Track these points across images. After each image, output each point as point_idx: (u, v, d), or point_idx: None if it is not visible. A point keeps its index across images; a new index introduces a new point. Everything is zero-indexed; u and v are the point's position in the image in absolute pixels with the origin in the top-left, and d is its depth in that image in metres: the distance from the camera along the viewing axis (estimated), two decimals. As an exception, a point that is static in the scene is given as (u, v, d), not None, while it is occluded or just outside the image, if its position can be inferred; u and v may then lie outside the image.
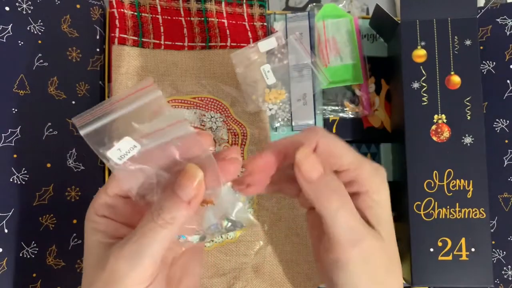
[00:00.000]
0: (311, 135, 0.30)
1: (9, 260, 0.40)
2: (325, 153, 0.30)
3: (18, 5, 0.44)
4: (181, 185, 0.25)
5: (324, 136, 0.30)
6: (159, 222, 0.25)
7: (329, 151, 0.30)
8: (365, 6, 0.58)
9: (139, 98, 0.25)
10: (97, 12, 0.48)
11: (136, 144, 0.25)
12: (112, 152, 0.25)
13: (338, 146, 0.30)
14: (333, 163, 0.30)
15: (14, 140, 0.42)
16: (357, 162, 0.30)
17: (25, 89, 0.43)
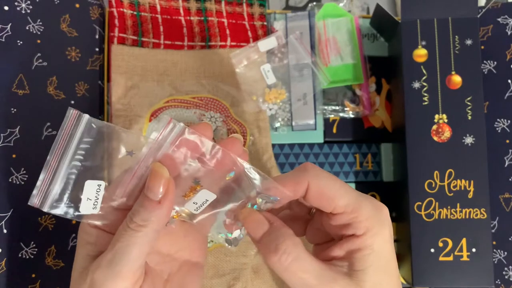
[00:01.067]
0: (300, 175, 0.28)
1: (8, 261, 0.40)
2: (316, 195, 0.28)
3: (17, 5, 0.44)
4: (148, 186, 0.25)
5: (316, 176, 0.28)
6: (131, 226, 0.25)
7: (321, 192, 0.28)
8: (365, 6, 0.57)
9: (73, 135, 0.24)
10: (96, 11, 0.48)
11: (100, 182, 0.24)
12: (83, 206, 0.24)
13: (332, 187, 0.28)
14: (326, 205, 0.28)
15: (13, 140, 0.42)
16: (354, 205, 0.28)
17: (24, 89, 0.43)
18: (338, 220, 0.28)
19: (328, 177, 0.28)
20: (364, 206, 0.28)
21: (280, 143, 0.50)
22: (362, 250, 0.27)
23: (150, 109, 0.47)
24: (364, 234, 0.27)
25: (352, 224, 0.28)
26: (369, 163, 0.51)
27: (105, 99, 0.47)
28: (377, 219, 0.28)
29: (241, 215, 0.28)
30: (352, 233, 0.28)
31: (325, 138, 0.50)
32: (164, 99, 0.47)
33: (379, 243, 0.27)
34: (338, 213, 0.28)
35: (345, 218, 0.28)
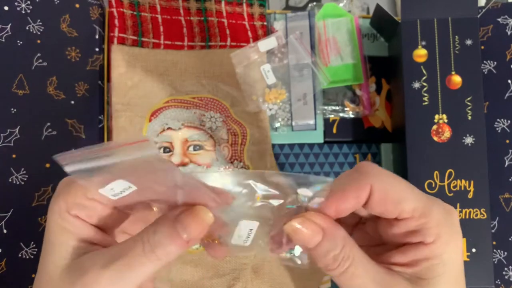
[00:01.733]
0: (361, 180, 0.25)
1: (8, 261, 0.40)
2: (380, 200, 0.25)
3: (17, 5, 0.44)
4: (186, 226, 0.23)
5: (379, 177, 0.25)
6: (151, 258, 0.23)
7: (386, 196, 0.25)
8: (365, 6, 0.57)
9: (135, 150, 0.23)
10: (96, 11, 0.48)
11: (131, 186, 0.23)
12: (105, 190, 0.23)
13: (397, 189, 0.25)
14: (390, 211, 0.25)
15: (13, 140, 0.42)
16: (422, 208, 0.25)
17: (24, 89, 0.43)
18: (403, 227, 0.26)
19: (392, 177, 0.25)
20: (435, 210, 0.25)
21: (280, 143, 0.50)
22: (430, 259, 0.25)
23: (150, 109, 0.47)
24: (434, 242, 0.25)
25: (421, 230, 0.25)
26: (369, 163, 0.51)
27: (105, 99, 0.47)
28: (448, 225, 0.25)
29: (289, 227, 0.25)
30: (420, 240, 0.25)
31: (325, 138, 0.50)
32: (164, 99, 0.47)
33: (450, 253, 0.25)
34: (404, 218, 0.25)
35: (412, 224, 0.25)
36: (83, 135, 0.45)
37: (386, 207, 0.25)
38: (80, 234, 0.25)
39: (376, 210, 0.25)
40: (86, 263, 0.24)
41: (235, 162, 0.47)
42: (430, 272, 0.25)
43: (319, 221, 0.25)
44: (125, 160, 0.21)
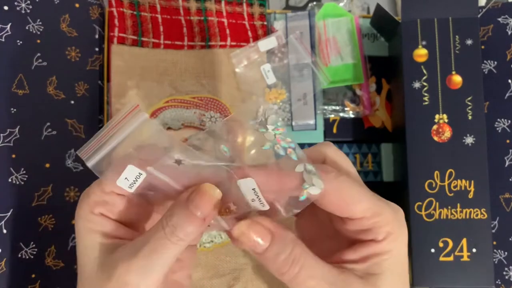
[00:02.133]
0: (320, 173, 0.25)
1: (8, 261, 0.40)
2: (334, 201, 0.26)
3: (17, 4, 0.44)
4: (197, 205, 0.24)
5: (335, 180, 0.25)
6: (173, 239, 0.24)
7: (340, 197, 0.25)
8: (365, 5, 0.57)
9: (129, 122, 0.24)
10: (96, 11, 0.48)
11: (141, 172, 0.25)
12: (120, 181, 0.25)
13: (351, 192, 0.26)
14: (342, 211, 0.26)
15: (13, 140, 0.42)
16: (374, 209, 0.26)
17: (24, 89, 0.43)
18: (355, 225, 0.26)
19: (347, 182, 0.26)
20: (385, 210, 0.26)
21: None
22: (380, 255, 0.26)
23: (150, 109, 0.47)
24: (385, 239, 0.26)
25: (372, 229, 0.26)
26: (369, 163, 0.51)
27: (105, 99, 0.47)
28: (397, 223, 0.26)
29: (236, 230, 0.25)
30: (372, 238, 0.26)
31: (325, 138, 0.50)
32: (164, 99, 0.47)
33: (398, 248, 0.26)
34: (357, 218, 0.26)
35: (364, 223, 0.26)
36: (83, 135, 0.45)
37: (338, 208, 0.26)
38: (106, 231, 0.26)
39: (329, 209, 0.26)
40: (116, 257, 0.25)
41: None
42: (380, 267, 0.26)
43: (268, 224, 0.25)
44: (127, 139, 0.24)
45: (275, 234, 0.25)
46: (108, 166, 0.24)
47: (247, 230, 0.25)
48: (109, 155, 0.24)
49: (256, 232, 0.25)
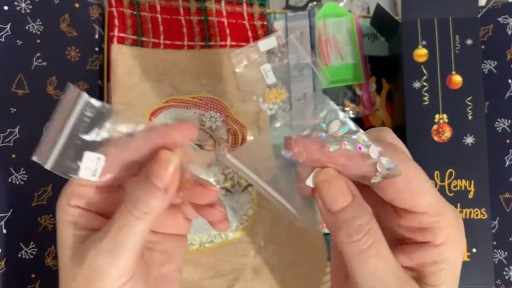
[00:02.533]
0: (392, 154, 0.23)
1: (8, 261, 0.40)
2: (401, 187, 0.23)
3: (17, 4, 0.44)
4: (155, 173, 0.23)
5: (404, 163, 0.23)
6: (136, 214, 0.24)
7: (407, 184, 0.23)
8: (366, 5, 0.57)
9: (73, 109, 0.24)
10: (96, 11, 0.48)
11: (99, 156, 0.24)
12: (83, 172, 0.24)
13: (419, 180, 0.23)
14: (406, 200, 0.23)
15: (12, 140, 0.42)
16: (437, 206, 0.23)
17: (24, 89, 0.43)
18: (413, 221, 0.23)
19: (415, 167, 0.23)
20: (448, 210, 0.23)
21: (280, 143, 0.50)
22: (437, 263, 0.23)
23: (150, 109, 0.47)
24: (443, 244, 0.23)
25: (432, 229, 0.23)
26: (369, 163, 0.50)
27: (105, 99, 0.47)
28: (458, 228, 0.24)
29: (321, 176, 0.23)
30: (429, 240, 0.23)
31: (325, 138, 0.50)
32: (164, 99, 0.47)
33: (456, 257, 0.23)
34: (418, 212, 0.23)
35: (425, 220, 0.23)
36: (83, 135, 0.45)
37: (402, 195, 0.23)
38: (81, 223, 0.26)
39: (391, 196, 0.23)
40: (87, 243, 0.25)
41: None
42: (437, 278, 0.23)
43: (350, 184, 0.23)
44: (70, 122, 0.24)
45: (356, 196, 0.23)
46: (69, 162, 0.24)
47: (332, 180, 0.23)
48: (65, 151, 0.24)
49: (339, 187, 0.23)
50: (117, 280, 0.24)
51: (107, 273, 0.24)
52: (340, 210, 0.22)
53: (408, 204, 0.23)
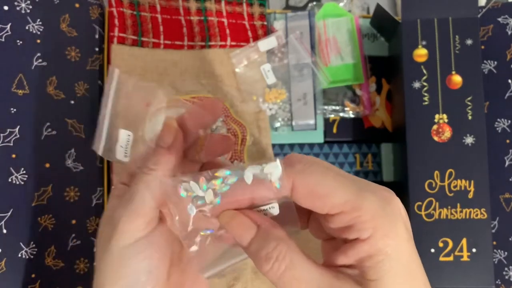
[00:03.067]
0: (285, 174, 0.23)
1: (8, 261, 0.40)
2: (305, 195, 0.23)
3: (17, 4, 0.44)
4: (160, 136, 0.28)
5: (302, 173, 0.23)
6: (144, 170, 0.27)
7: (310, 192, 0.23)
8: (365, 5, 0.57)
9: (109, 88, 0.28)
10: (96, 11, 0.48)
11: (129, 133, 0.28)
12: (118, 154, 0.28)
13: (323, 184, 0.23)
14: (319, 206, 0.23)
15: (12, 140, 0.42)
16: (354, 201, 0.22)
17: (24, 89, 0.43)
18: (336, 222, 0.23)
19: (318, 172, 0.23)
20: (368, 201, 0.23)
21: (280, 143, 0.50)
22: (373, 256, 0.22)
23: (150, 109, 0.47)
24: (371, 237, 0.22)
25: (354, 225, 0.23)
26: (369, 163, 0.51)
27: (105, 99, 0.47)
28: (386, 215, 0.22)
29: (223, 218, 0.24)
30: (356, 236, 0.23)
31: (325, 138, 0.50)
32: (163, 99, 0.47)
33: (393, 245, 0.22)
34: (336, 213, 0.23)
35: (345, 219, 0.23)
36: (83, 135, 0.45)
37: (313, 203, 0.23)
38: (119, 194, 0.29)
39: (305, 205, 0.24)
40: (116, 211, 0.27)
41: (235, 162, 0.47)
42: (376, 271, 0.22)
43: (254, 216, 0.24)
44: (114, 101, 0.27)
45: (260, 226, 0.24)
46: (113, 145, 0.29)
47: (231, 220, 0.24)
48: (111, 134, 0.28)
49: (240, 223, 0.24)
50: (132, 233, 0.26)
51: (122, 220, 0.26)
52: (249, 243, 0.24)
53: (322, 209, 0.23)
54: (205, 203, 0.24)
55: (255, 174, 0.24)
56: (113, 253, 0.26)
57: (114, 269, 0.26)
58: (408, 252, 0.23)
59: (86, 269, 0.44)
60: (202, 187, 0.24)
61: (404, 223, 0.23)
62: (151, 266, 0.26)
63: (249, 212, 0.24)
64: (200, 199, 0.24)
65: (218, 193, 0.24)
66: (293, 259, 0.23)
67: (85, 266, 0.44)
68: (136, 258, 0.26)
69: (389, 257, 0.22)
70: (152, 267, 0.26)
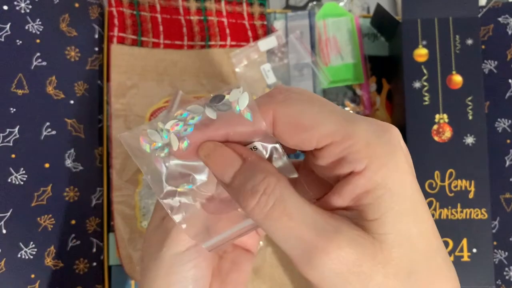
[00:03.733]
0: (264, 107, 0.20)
1: (8, 261, 0.40)
2: (287, 127, 0.20)
3: (17, 4, 0.44)
4: None
5: (283, 103, 0.20)
6: None
7: (293, 123, 0.20)
8: (366, 5, 0.57)
9: None
10: (96, 11, 0.47)
11: None
12: None
13: (308, 114, 0.20)
14: (305, 140, 0.20)
15: (12, 140, 0.42)
16: (344, 129, 0.19)
17: (24, 89, 0.43)
18: (326, 157, 0.20)
19: (301, 100, 0.20)
20: (361, 127, 0.19)
21: (280, 143, 0.50)
22: (370, 191, 0.19)
23: (150, 109, 0.46)
24: (367, 168, 0.19)
25: (347, 156, 0.19)
26: (369, 163, 0.50)
27: (105, 99, 0.47)
28: (382, 143, 0.19)
29: (202, 151, 0.21)
30: (350, 170, 0.19)
31: (325, 138, 0.50)
32: (163, 98, 0.47)
33: (395, 177, 0.19)
34: (324, 146, 0.20)
35: (335, 150, 0.19)
36: (83, 135, 0.45)
37: (297, 136, 0.20)
38: None
39: (288, 141, 0.20)
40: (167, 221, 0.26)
41: None
42: (376, 209, 0.19)
43: (239, 148, 0.21)
44: None
45: (247, 159, 0.20)
46: None
47: (212, 152, 0.21)
48: None
49: (222, 155, 0.20)
50: (184, 242, 0.25)
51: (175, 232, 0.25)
52: (232, 178, 0.20)
53: (309, 144, 0.20)
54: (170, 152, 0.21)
55: (218, 106, 0.20)
56: (164, 260, 0.25)
57: (164, 276, 0.26)
58: (411, 187, 0.19)
59: (86, 269, 0.44)
60: (163, 135, 0.20)
61: (405, 154, 0.19)
62: (198, 275, 0.26)
63: (232, 144, 0.21)
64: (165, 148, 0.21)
65: (183, 137, 0.20)
66: (284, 193, 0.19)
67: (85, 266, 0.44)
68: (185, 266, 0.26)
69: (390, 192, 0.19)
70: (199, 276, 0.26)
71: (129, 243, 0.44)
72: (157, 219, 0.27)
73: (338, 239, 0.18)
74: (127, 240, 0.44)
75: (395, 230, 0.19)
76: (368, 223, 0.19)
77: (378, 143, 0.19)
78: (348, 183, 0.19)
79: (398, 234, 0.19)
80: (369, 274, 0.18)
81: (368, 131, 0.19)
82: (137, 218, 0.45)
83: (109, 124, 0.46)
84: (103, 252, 0.45)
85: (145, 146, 0.21)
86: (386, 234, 0.18)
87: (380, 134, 0.19)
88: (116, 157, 0.45)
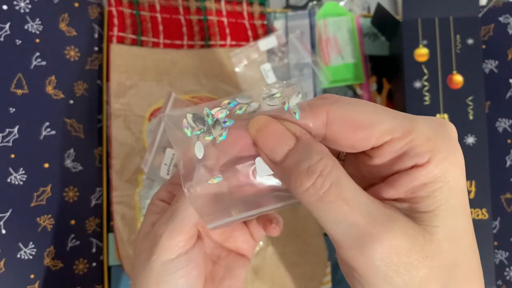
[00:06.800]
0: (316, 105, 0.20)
1: (7, 261, 0.40)
2: (342, 127, 0.19)
3: (16, 4, 0.44)
4: None
5: (337, 103, 0.20)
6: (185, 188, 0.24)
7: (349, 122, 0.19)
8: (366, 5, 0.57)
9: None
10: (95, 10, 0.47)
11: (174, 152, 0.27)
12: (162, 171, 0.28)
13: (364, 113, 0.19)
14: (363, 139, 0.19)
15: (11, 140, 0.42)
16: (404, 125, 0.19)
17: (23, 89, 0.43)
18: (385, 154, 0.20)
19: (355, 102, 0.20)
20: (420, 123, 0.19)
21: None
22: (430, 184, 0.19)
23: (150, 108, 0.46)
24: (430, 161, 0.19)
25: (409, 151, 0.19)
26: (369, 163, 0.50)
27: (104, 99, 0.47)
28: (442, 138, 0.19)
29: (253, 125, 0.20)
30: (413, 164, 0.19)
31: (325, 138, 0.50)
32: (163, 98, 0.47)
33: (453, 172, 0.19)
34: (384, 143, 0.19)
35: (396, 146, 0.19)
36: (82, 135, 0.45)
37: (354, 136, 0.19)
38: (162, 213, 0.28)
39: (343, 142, 0.20)
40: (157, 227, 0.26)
41: None
42: (432, 201, 0.19)
43: (292, 126, 0.20)
44: None
45: (300, 138, 0.19)
46: None
47: (264, 128, 0.20)
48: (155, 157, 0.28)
49: (275, 132, 0.19)
50: (173, 250, 0.25)
51: (163, 237, 0.25)
52: (285, 156, 0.19)
53: (367, 143, 0.19)
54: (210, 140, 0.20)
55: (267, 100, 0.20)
56: (153, 268, 0.25)
57: (155, 285, 0.26)
58: (464, 184, 0.19)
59: (85, 269, 0.44)
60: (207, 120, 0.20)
61: (461, 151, 0.19)
62: (189, 283, 0.26)
63: (285, 121, 0.20)
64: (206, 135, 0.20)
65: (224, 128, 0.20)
66: (341, 177, 0.19)
67: (84, 266, 0.44)
68: (176, 274, 0.25)
69: (448, 185, 0.19)
70: (189, 284, 0.26)
71: (128, 243, 0.44)
72: (147, 225, 0.27)
73: (392, 228, 0.18)
74: (126, 240, 0.44)
75: (447, 224, 0.19)
76: (420, 215, 0.19)
77: (439, 138, 0.19)
78: (409, 176, 0.19)
79: (448, 228, 0.19)
80: (416, 265, 0.18)
81: (427, 126, 0.19)
82: (136, 219, 0.45)
83: (108, 124, 0.46)
84: (103, 253, 0.45)
85: (187, 129, 0.20)
86: (437, 227, 0.19)
87: (439, 130, 0.19)
88: (115, 157, 0.45)
